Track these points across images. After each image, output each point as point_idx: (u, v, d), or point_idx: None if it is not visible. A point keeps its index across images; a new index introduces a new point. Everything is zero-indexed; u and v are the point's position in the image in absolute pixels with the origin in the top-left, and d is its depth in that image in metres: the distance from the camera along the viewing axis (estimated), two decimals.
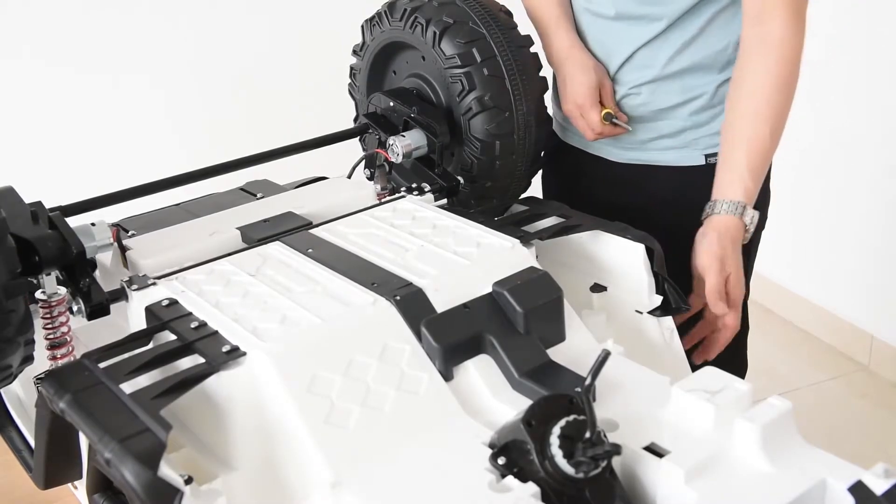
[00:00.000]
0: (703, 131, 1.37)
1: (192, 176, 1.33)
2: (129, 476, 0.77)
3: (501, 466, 0.82)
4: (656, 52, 1.34)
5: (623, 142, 1.41)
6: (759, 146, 1.23)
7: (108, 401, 0.86)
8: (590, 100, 1.35)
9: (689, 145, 1.38)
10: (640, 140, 1.39)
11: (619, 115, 1.37)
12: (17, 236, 1.03)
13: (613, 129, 1.36)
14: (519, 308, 0.99)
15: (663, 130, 1.38)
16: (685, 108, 1.36)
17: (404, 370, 0.94)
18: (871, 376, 2.64)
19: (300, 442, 0.87)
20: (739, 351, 1.48)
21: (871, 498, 0.77)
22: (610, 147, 1.42)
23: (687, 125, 1.37)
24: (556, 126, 1.50)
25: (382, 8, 1.43)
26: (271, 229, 1.20)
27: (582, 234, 1.18)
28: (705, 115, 1.36)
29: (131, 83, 2.61)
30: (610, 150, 1.43)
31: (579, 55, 1.37)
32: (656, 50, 1.33)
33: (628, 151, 1.41)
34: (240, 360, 0.90)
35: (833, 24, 2.52)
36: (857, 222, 2.65)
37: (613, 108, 1.37)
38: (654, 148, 1.40)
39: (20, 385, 1.22)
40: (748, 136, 1.23)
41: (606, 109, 1.35)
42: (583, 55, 1.38)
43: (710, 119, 1.36)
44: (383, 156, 1.38)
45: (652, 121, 1.38)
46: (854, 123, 2.59)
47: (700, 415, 0.86)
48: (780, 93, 1.23)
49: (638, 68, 1.36)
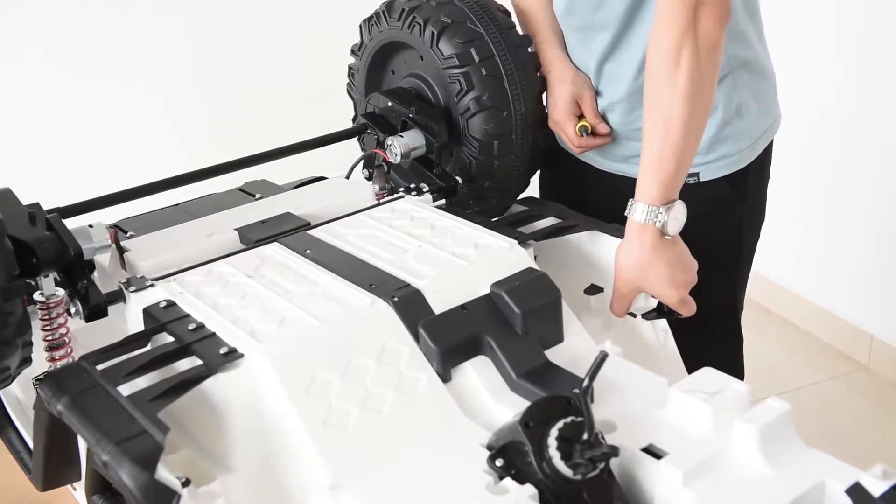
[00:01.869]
0: None
1: (190, 176, 1.33)
2: (127, 478, 0.77)
3: (499, 468, 0.82)
4: (620, 67, 1.31)
5: (607, 153, 1.39)
6: (681, 143, 1.15)
7: (105, 403, 0.86)
8: (565, 113, 1.33)
9: None
10: (621, 154, 1.38)
11: (597, 126, 1.34)
12: (14, 238, 1.03)
13: (592, 142, 1.35)
14: (517, 309, 0.99)
15: (639, 149, 1.31)
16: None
17: (402, 371, 0.94)
18: (871, 376, 2.64)
19: (298, 443, 0.87)
20: (735, 362, 1.47)
21: (869, 500, 0.77)
22: (595, 156, 1.41)
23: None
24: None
25: (380, 8, 1.43)
26: (269, 230, 1.20)
27: (580, 235, 1.18)
28: None
29: (130, 84, 2.61)
30: (596, 158, 1.42)
31: (560, 67, 1.36)
32: (620, 64, 1.31)
33: (613, 162, 1.40)
34: (238, 362, 0.90)
35: (833, 25, 2.52)
36: (857, 222, 2.65)
37: (594, 118, 1.34)
38: (635, 163, 1.34)
39: (19, 386, 1.22)
40: (665, 134, 1.15)
41: (582, 122, 1.33)
42: (563, 66, 1.36)
43: None
44: (382, 156, 1.38)
45: (629, 139, 1.36)
46: (854, 123, 2.58)
47: (698, 416, 0.86)
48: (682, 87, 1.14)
49: (609, 83, 1.34)
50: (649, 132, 1.15)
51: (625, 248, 1.15)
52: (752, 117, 1.35)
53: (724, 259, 1.40)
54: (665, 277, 1.13)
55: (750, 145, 1.35)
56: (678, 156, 1.14)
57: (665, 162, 1.14)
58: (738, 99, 1.33)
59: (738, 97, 1.33)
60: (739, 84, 1.32)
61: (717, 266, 1.36)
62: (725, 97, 1.31)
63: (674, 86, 1.13)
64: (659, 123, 1.14)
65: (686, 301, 1.14)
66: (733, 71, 1.31)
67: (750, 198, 1.39)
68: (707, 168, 1.33)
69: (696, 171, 1.32)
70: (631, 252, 1.14)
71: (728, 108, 1.32)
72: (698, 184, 1.32)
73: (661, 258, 1.13)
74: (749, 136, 1.35)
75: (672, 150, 1.14)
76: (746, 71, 1.33)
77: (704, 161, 1.32)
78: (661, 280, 1.13)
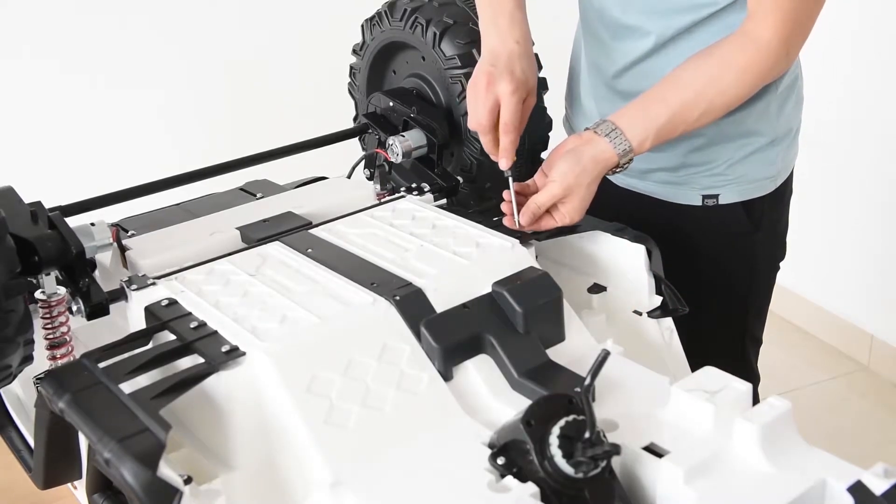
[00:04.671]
0: (701, 170, 1.30)
1: (192, 176, 1.34)
2: (129, 476, 0.77)
3: (501, 466, 0.82)
4: (650, 74, 1.24)
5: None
6: (683, 118, 1.15)
7: (107, 401, 0.86)
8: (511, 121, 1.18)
9: (686, 182, 1.32)
10: (638, 169, 1.31)
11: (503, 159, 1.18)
12: (16, 236, 1.03)
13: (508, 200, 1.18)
14: (518, 308, 0.99)
15: (661, 162, 1.31)
16: (685, 144, 1.29)
17: (404, 370, 0.94)
18: (871, 376, 2.64)
19: (300, 442, 0.87)
20: (748, 364, 1.45)
21: (871, 498, 0.77)
22: None
23: (686, 162, 1.30)
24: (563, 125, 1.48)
25: (383, 8, 1.43)
26: (271, 229, 1.20)
27: (581, 234, 1.18)
28: (705, 153, 1.29)
29: (132, 83, 2.61)
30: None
31: (529, 44, 1.22)
32: (650, 71, 1.25)
33: (626, 177, 1.35)
34: (239, 360, 0.91)
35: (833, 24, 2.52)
36: (857, 222, 2.65)
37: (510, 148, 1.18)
38: (653, 179, 1.34)
39: (20, 385, 1.22)
40: (682, 101, 1.14)
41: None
42: (529, 45, 1.22)
43: (709, 159, 1.29)
44: (383, 156, 1.38)
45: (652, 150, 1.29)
46: (854, 123, 2.58)
47: (700, 415, 0.86)
48: (735, 88, 1.15)
49: (633, 87, 1.26)
50: (692, 100, 1.14)
51: (571, 163, 1.12)
52: (785, 147, 1.32)
53: (734, 285, 1.38)
54: (584, 207, 1.13)
55: (769, 176, 1.32)
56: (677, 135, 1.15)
57: (675, 134, 1.14)
58: (785, 125, 1.31)
59: (787, 124, 1.31)
60: (788, 108, 1.31)
61: (726, 291, 1.36)
62: (777, 115, 1.29)
63: (743, 91, 1.14)
64: (704, 107, 1.14)
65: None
66: (790, 95, 1.30)
67: (766, 227, 1.35)
68: (727, 191, 1.31)
69: (716, 192, 1.30)
70: (578, 171, 1.11)
71: (776, 129, 1.29)
72: (717, 206, 1.30)
73: (592, 187, 1.13)
74: (774, 165, 1.32)
75: (685, 131, 1.14)
76: (796, 96, 1.32)
77: (725, 182, 1.30)
78: (583, 208, 1.13)
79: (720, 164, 1.29)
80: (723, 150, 1.28)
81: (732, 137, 1.28)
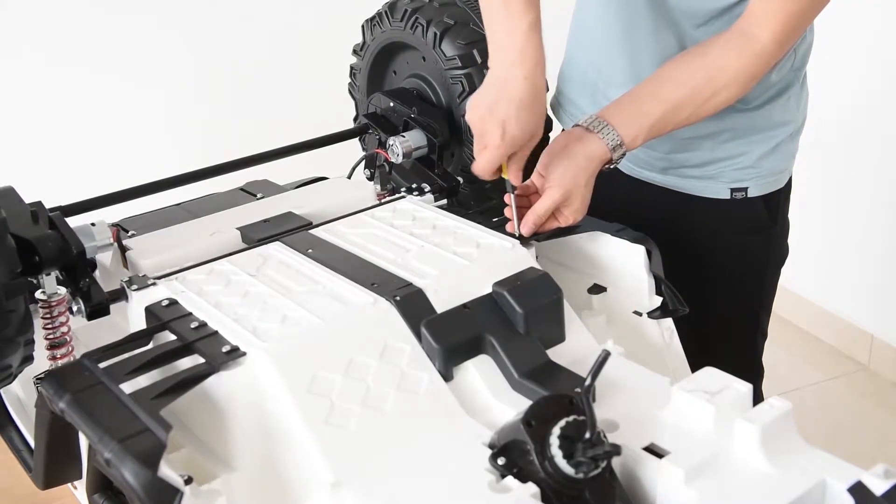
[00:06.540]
0: (731, 163, 1.29)
1: (192, 176, 1.34)
2: (129, 476, 0.77)
3: (501, 467, 0.82)
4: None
5: (639, 160, 1.33)
6: (674, 116, 1.14)
7: (107, 401, 0.86)
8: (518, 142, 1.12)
9: (714, 176, 1.31)
10: (660, 166, 1.30)
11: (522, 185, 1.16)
12: (17, 236, 1.03)
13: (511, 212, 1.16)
14: (519, 308, 0.99)
15: (690, 158, 1.30)
16: (713, 139, 1.28)
17: (404, 370, 0.94)
18: (871, 376, 2.64)
19: (300, 442, 0.87)
20: (755, 356, 1.45)
21: (871, 498, 0.77)
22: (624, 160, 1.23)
23: (715, 157, 1.30)
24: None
25: (383, 8, 1.43)
26: (271, 229, 1.20)
27: (582, 235, 1.18)
28: (736, 145, 1.28)
29: (132, 83, 2.61)
30: (625, 163, 1.31)
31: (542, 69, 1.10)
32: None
33: (644, 170, 1.32)
34: (240, 360, 0.91)
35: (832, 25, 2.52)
36: (856, 222, 2.65)
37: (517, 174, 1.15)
38: (674, 174, 1.32)
39: (20, 385, 1.22)
40: (676, 99, 1.13)
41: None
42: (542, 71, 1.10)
43: (740, 151, 1.29)
44: (383, 156, 1.38)
45: (673, 151, 1.29)
46: (854, 122, 2.58)
47: (700, 415, 0.86)
48: (729, 90, 1.14)
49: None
50: (686, 99, 1.13)
51: (569, 166, 1.11)
52: (798, 139, 1.32)
53: (750, 279, 1.38)
54: (586, 206, 1.13)
55: (785, 168, 1.33)
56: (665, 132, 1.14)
57: (664, 132, 1.14)
58: (802, 116, 1.31)
59: (802, 114, 1.31)
60: (803, 99, 1.31)
61: (742, 286, 1.36)
62: (797, 107, 1.29)
63: (734, 94, 1.13)
64: (692, 108, 1.13)
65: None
66: (804, 86, 1.30)
67: (780, 222, 1.36)
68: (754, 184, 1.30)
69: (745, 185, 1.30)
70: (575, 173, 1.11)
71: (796, 120, 1.30)
72: (744, 199, 1.30)
73: (589, 189, 1.13)
74: (793, 158, 1.32)
75: (674, 128, 1.13)
76: (806, 87, 1.31)
77: (753, 176, 1.30)
78: (584, 207, 1.13)
79: (751, 157, 1.29)
80: (753, 142, 1.28)
81: (762, 129, 1.28)
